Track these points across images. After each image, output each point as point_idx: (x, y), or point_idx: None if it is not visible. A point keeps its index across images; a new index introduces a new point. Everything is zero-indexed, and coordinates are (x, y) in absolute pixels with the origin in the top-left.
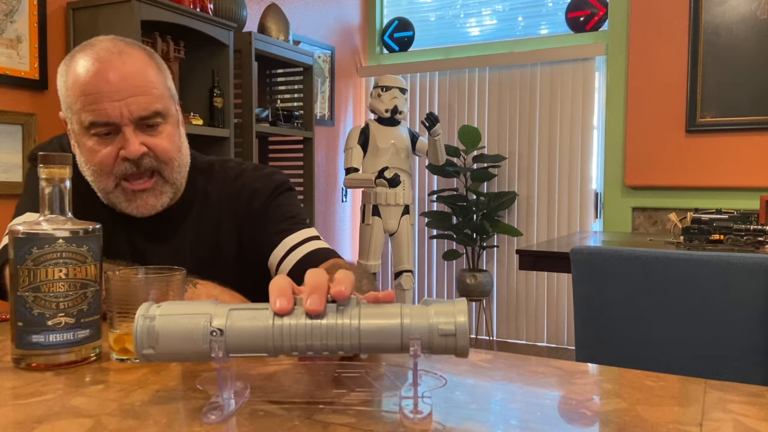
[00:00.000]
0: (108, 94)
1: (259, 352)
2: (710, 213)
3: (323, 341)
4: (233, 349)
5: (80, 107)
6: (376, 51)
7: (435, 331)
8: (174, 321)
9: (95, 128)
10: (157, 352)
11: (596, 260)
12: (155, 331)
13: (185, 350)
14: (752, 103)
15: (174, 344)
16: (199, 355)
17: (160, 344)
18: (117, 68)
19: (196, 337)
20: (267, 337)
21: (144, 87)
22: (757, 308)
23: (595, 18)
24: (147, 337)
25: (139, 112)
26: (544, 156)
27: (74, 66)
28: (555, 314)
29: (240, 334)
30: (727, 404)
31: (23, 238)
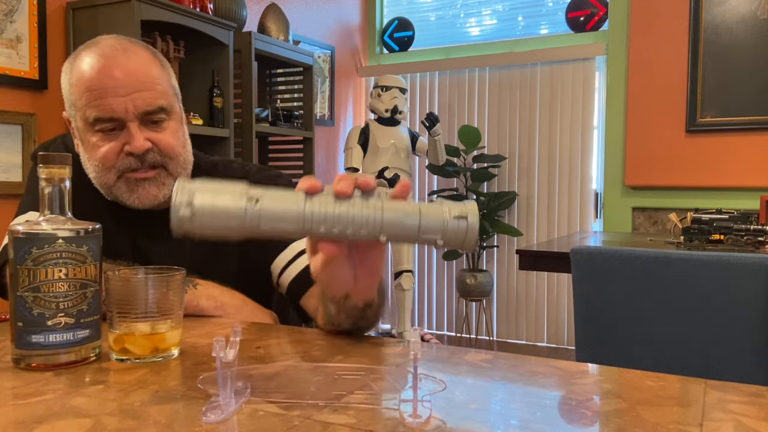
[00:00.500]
0: (113, 89)
1: (289, 223)
2: (710, 213)
3: (349, 215)
4: (266, 220)
5: (85, 103)
6: (376, 51)
7: (448, 217)
8: (213, 184)
9: (100, 124)
10: (194, 213)
11: (596, 260)
12: (193, 190)
13: (222, 213)
14: (752, 103)
15: (212, 205)
16: (235, 220)
17: (195, 203)
18: (122, 64)
19: (234, 198)
20: (299, 211)
21: (148, 83)
22: (757, 308)
23: (595, 18)
24: (186, 195)
25: (144, 107)
26: (544, 156)
27: (79, 63)
28: (555, 314)
29: (274, 204)
30: (728, 404)
31: (23, 238)
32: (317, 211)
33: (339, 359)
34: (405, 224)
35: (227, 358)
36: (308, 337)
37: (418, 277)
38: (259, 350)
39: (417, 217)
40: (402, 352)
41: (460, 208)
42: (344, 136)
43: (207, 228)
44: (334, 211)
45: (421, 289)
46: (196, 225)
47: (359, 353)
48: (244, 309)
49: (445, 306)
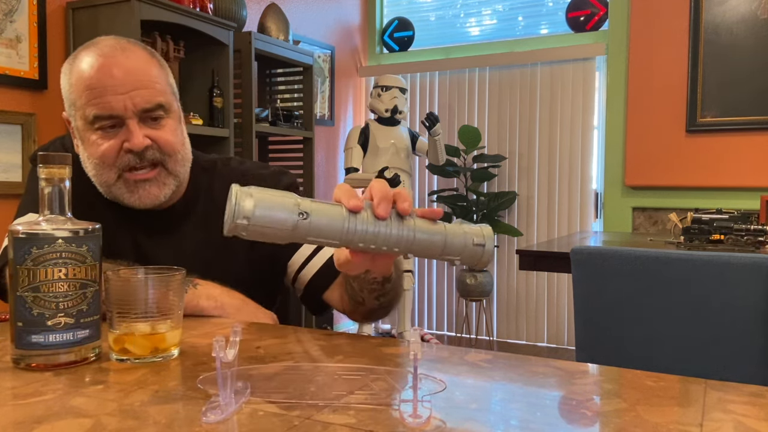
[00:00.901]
0: (112, 87)
1: (332, 238)
2: (710, 213)
3: (386, 235)
4: (313, 233)
5: (85, 102)
6: (376, 51)
7: (469, 242)
8: (268, 195)
9: (99, 122)
10: (250, 223)
11: (596, 260)
12: (252, 200)
13: (276, 223)
14: (752, 103)
15: (267, 216)
16: (286, 230)
17: (256, 214)
18: (120, 63)
19: (287, 210)
20: (342, 228)
21: (147, 81)
22: (757, 308)
23: (595, 18)
24: (245, 204)
25: (143, 104)
26: (544, 156)
27: (78, 63)
28: (555, 314)
29: (321, 220)
30: (728, 404)
31: (23, 238)
32: (359, 229)
33: (339, 359)
34: (432, 246)
35: (227, 358)
36: (308, 337)
37: (418, 277)
38: (259, 350)
39: (443, 240)
40: (402, 352)
41: (479, 233)
42: (344, 136)
43: (257, 235)
44: (374, 230)
45: (421, 289)
46: (248, 232)
47: (359, 353)
48: (243, 309)
49: (445, 306)
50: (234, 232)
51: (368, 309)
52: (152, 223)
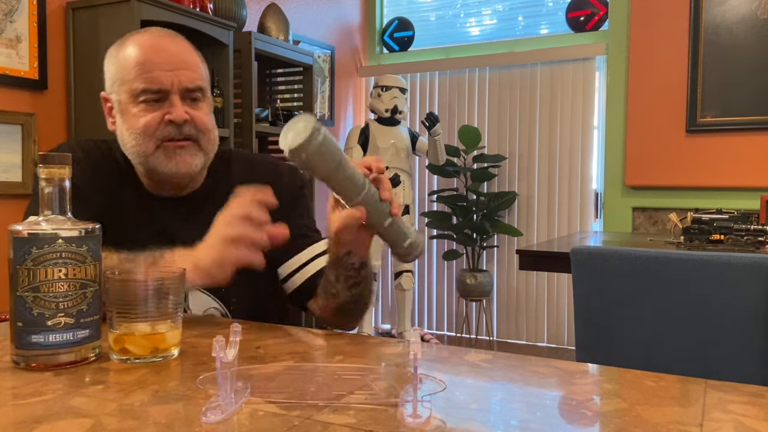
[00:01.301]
0: (160, 64)
1: (353, 186)
2: (710, 213)
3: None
4: (345, 171)
5: (134, 76)
6: (376, 51)
7: (410, 232)
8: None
9: (145, 95)
10: (322, 142)
11: (596, 260)
12: (324, 131)
13: (333, 153)
14: (752, 103)
15: (332, 144)
16: (333, 164)
17: (326, 139)
18: (168, 45)
19: (340, 153)
20: (362, 183)
21: (191, 63)
22: (757, 308)
23: (595, 18)
24: (321, 132)
25: (187, 83)
26: (544, 156)
27: (128, 44)
28: (555, 314)
29: (353, 166)
30: (728, 404)
31: (23, 238)
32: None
33: (339, 359)
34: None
35: (227, 358)
36: (308, 337)
37: (418, 277)
38: (259, 350)
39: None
40: (402, 352)
41: (414, 237)
42: (344, 136)
43: (314, 159)
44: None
45: (421, 289)
46: (311, 153)
47: (359, 353)
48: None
49: (445, 306)
50: (302, 150)
51: (340, 303)
52: (176, 209)
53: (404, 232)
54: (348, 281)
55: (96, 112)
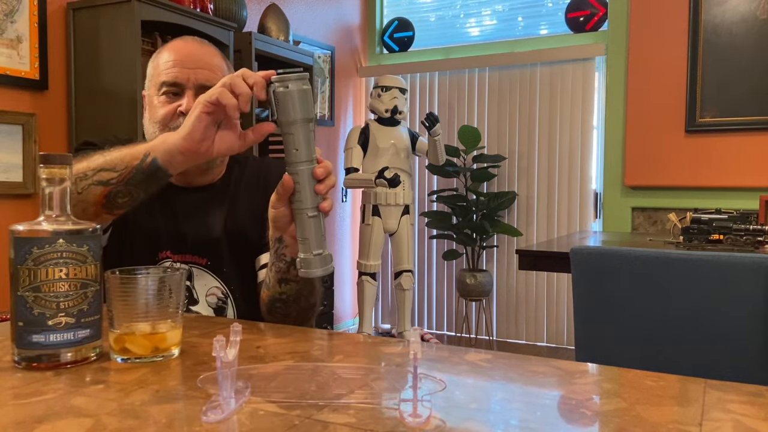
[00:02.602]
0: (181, 62)
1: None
2: (710, 213)
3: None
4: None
5: (161, 71)
6: (376, 51)
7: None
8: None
9: (165, 87)
10: (299, 88)
11: (596, 260)
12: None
13: (308, 102)
14: (752, 103)
15: (308, 95)
16: (304, 112)
17: (303, 88)
18: (194, 48)
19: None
20: (309, 156)
21: (211, 65)
22: (757, 308)
23: (594, 18)
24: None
25: (202, 80)
26: (544, 156)
27: (164, 49)
28: (555, 314)
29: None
30: (727, 404)
31: (24, 238)
32: (312, 174)
33: (339, 359)
34: (322, 232)
35: (227, 358)
36: (308, 337)
37: (418, 277)
38: (259, 350)
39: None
40: (402, 352)
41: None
42: (344, 136)
43: (298, 98)
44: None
45: (421, 289)
46: (298, 89)
47: (359, 353)
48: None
49: (445, 306)
50: (288, 80)
51: (271, 296)
52: (190, 199)
53: (321, 236)
54: (278, 273)
55: (96, 112)
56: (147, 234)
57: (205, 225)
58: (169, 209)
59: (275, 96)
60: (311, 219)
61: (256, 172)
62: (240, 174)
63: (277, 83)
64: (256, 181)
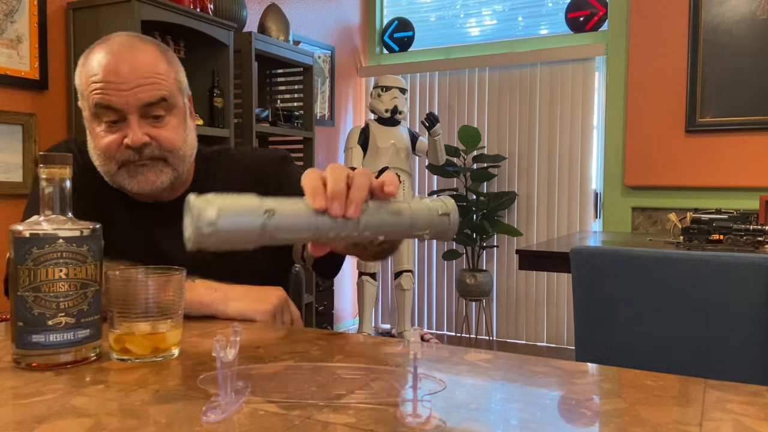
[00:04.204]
0: (115, 84)
1: (303, 233)
2: (710, 213)
3: (354, 222)
4: (282, 229)
5: (89, 94)
6: (376, 51)
7: (434, 213)
8: (231, 200)
9: (103, 116)
10: (216, 228)
11: (596, 260)
12: (216, 208)
13: (242, 227)
14: (752, 103)
15: (233, 221)
16: (253, 233)
17: (220, 220)
18: (126, 59)
19: (252, 213)
20: (310, 223)
21: (151, 78)
22: (757, 308)
23: (595, 18)
24: (207, 215)
25: (145, 99)
26: (544, 156)
27: (90, 59)
28: (555, 314)
29: (288, 214)
30: (727, 404)
31: (24, 238)
32: (327, 222)
33: (339, 359)
34: (400, 225)
35: (227, 358)
36: (308, 337)
37: (418, 277)
38: (259, 350)
39: (409, 218)
40: (402, 352)
41: (442, 205)
42: (344, 136)
43: (225, 243)
44: (337, 222)
45: (421, 289)
46: (216, 240)
47: (359, 353)
48: (248, 292)
49: (445, 306)
50: (200, 245)
51: (374, 252)
52: (160, 215)
53: (403, 223)
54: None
55: None
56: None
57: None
58: (137, 231)
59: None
60: (396, 220)
61: (232, 173)
62: (213, 177)
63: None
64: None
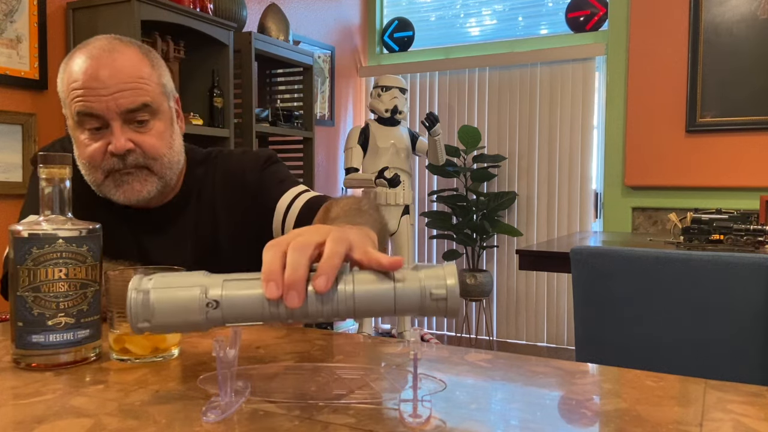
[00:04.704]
0: (96, 90)
1: (255, 321)
2: (710, 213)
3: (318, 308)
4: (229, 319)
5: (71, 102)
6: (376, 51)
7: (427, 295)
8: (169, 294)
9: (86, 122)
10: (152, 325)
11: (596, 260)
12: (150, 304)
13: (181, 322)
14: (752, 103)
15: (170, 317)
16: (196, 326)
17: (155, 317)
18: (106, 65)
19: (192, 308)
20: (263, 306)
21: (132, 83)
22: (757, 308)
23: (595, 18)
24: (142, 311)
25: (127, 105)
26: (544, 156)
27: (70, 64)
28: (555, 314)
29: (236, 305)
30: (727, 404)
31: (23, 238)
32: (282, 312)
33: (339, 359)
34: (378, 306)
35: (227, 358)
36: (308, 337)
37: None
38: (259, 350)
39: (391, 299)
40: (402, 352)
41: (438, 281)
42: (344, 136)
43: (167, 330)
44: (301, 310)
45: None
46: (156, 331)
47: (359, 353)
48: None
49: None
50: (140, 333)
51: None
52: (150, 221)
53: (382, 304)
54: None
55: None
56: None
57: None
58: (127, 237)
59: None
60: (372, 299)
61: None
62: (201, 182)
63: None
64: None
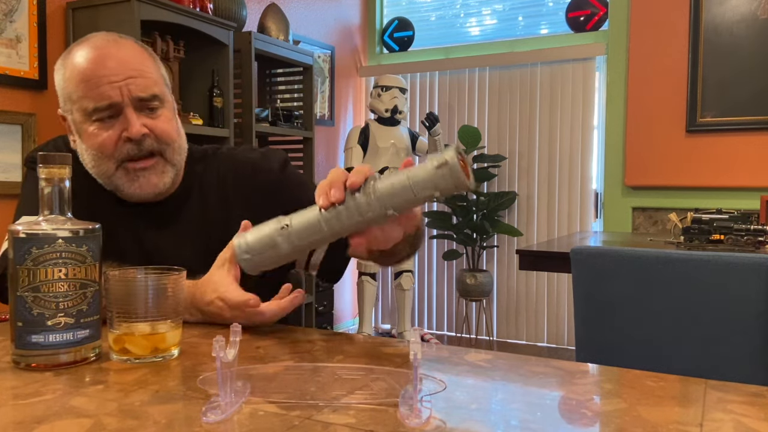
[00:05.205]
0: (107, 77)
1: (315, 232)
2: (710, 213)
3: (353, 206)
4: (302, 236)
5: (81, 94)
6: (376, 51)
7: (431, 168)
8: (257, 229)
9: (98, 113)
10: (251, 255)
11: (596, 260)
12: (246, 239)
13: (267, 243)
14: (752, 103)
15: (259, 243)
16: (277, 246)
17: (250, 245)
18: (113, 54)
19: (273, 234)
20: (318, 220)
21: (141, 70)
22: (757, 308)
23: (595, 18)
24: (240, 246)
25: (138, 92)
26: (544, 156)
27: (72, 58)
28: (555, 314)
29: (301, 222)
30: (728, 404)
31: (23, 238)
32: (333, 215)
33: (339, 359)
34: (402, 192)
35: (227, 358)
36: (308, 337)
37: (418, 277)
38: (259, 350)
39: (408, 183)
40: (402, 352)
41: (438, 159)
42: (344, 136)
43: (263, 263)
44: (344, 210)
45: (421, 289)
46: (254, 263)
47: (359, 353)
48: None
49: (445, 306)
50: (250, 270)
51: (400, 258)
52: (152, 215)
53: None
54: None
55: None
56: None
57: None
58: (129, 232)
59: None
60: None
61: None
62: (202, 176)
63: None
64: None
